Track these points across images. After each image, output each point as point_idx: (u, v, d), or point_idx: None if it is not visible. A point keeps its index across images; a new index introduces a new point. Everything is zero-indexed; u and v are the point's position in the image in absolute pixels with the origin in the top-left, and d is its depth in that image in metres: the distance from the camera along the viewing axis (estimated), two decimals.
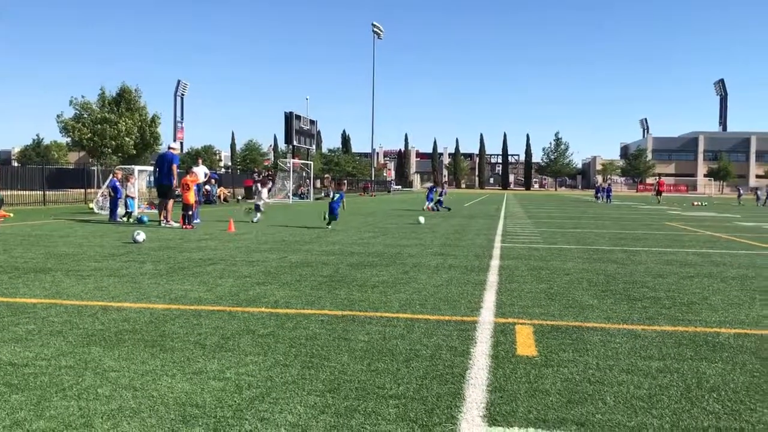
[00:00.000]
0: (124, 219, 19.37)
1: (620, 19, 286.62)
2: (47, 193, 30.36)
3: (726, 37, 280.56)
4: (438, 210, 29.24)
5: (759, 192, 57.69)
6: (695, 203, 50.92)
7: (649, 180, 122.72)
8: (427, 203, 30.52)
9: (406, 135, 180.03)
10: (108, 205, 21.39)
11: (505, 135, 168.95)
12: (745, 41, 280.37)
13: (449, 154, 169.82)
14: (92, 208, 24.10)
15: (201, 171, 21.87)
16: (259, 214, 19.36)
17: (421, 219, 20.94)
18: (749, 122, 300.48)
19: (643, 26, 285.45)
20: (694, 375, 4.45)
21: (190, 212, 17.02)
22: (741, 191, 60.41)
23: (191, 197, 17.22)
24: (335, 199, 17.46)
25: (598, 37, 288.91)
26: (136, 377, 4.18)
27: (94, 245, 12.14)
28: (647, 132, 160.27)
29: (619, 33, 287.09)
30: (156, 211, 19.67)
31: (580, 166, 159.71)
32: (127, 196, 20.47)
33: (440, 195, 31.06)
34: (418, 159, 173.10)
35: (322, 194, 54.37)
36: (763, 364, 4.73)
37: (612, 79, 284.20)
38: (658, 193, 52.27)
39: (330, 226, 17.07)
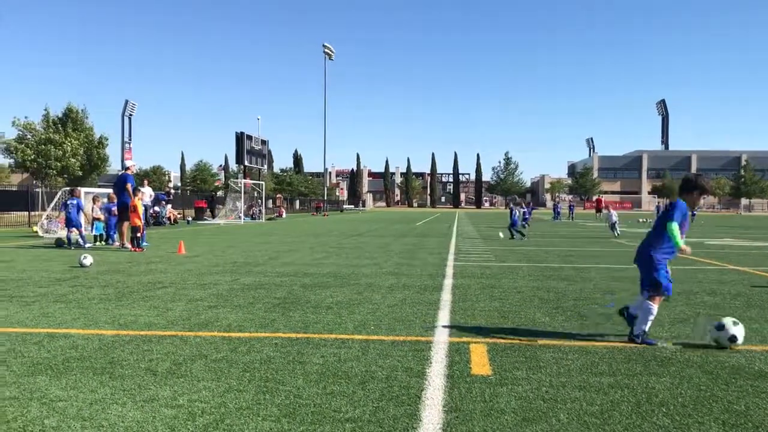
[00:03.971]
0: (97, 243, 18.82)
1: (565, 41, 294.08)
2: None
3: (666, 58, 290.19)
4: (513, 236, 23.03)
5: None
6: (640, 220, 52.24)
7: (594, 197, 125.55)
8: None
9: (357, 155, 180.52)
10: (58, 227, 20.82)
11: (455, 154, 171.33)
12: (685, 63, 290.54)
13: (401, 173, 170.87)
14: (37, 232, 23.41)
15: (147, 192, 21.50)
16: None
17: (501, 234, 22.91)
18: (690, 141, 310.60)
19: (587, 48, 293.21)
20: (644, 390, 4.55)
21: (138, 234, 16.72)
22: None
23: (138, 220, 16.91)
24: None
25: (545, 58, 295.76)
26: (85, 407, 4.06)
27: (39, 270, 11.79)
28: (593, 151, 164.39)
29: (564, 54, 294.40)
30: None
31: (529, 184, 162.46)
32: (94, 218, 19.92)
33: (525, 217, 26.20)
34: (371, 178, 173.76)
35: (274, 214, 54.05)
36: (709, 378, 4.87)
37: (559, 99, 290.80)
38: (598, 210, 54.67)
39: None
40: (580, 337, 6.29)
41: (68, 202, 17.91)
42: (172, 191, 42.09)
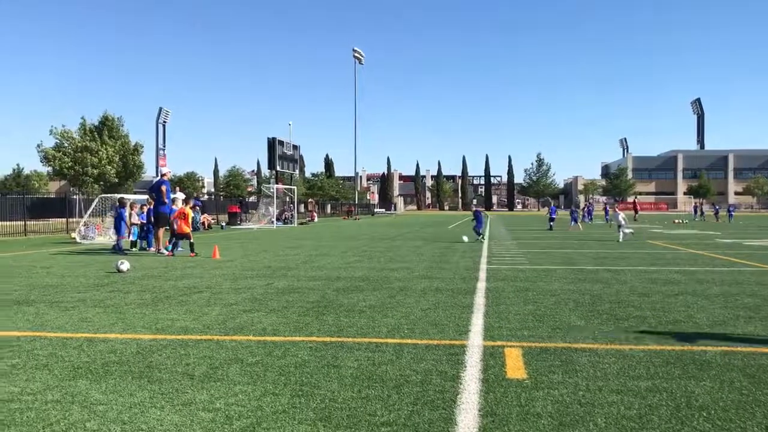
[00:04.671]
0: (134, 249, 19.09)
1: (598, 39, 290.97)
2: (28, 223, 30.06)
3: (701, 57, 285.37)
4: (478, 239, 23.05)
5: (716, 207, 62.63)
6: (676, 221, 51.44)
7: (630, 199, 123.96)
8: (572, 223, 34.71)
9: (388, 158, 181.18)
10: (92, 234, 21.17)
11: (487, 157, 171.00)
12: (721, 62, 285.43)
13: (432, 177, 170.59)
14: (74, 238, 23.87)
15: (180, 198, 21.81)
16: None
17: (465, 238, 22.99)
18: (726, 140, 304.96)
19: (621, 47, 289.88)
20: (683, 394, 4.48)
21: (191, 241, 16.94)
22: (717, 208, 62.24)
23: (186, 227, 17.13)
24: None
25: (577, 58, 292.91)
26: (124, 410, 4.13)
27: (77, 275, 12.02)
28: (627, 151, 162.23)
29: (597, 53, 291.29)
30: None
31: (562, 186, 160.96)
32: (132, 224, 20.17)
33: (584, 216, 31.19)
34: (401, 182, 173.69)
35: (306, 219, 54.37)
36: (751, 382, 4.77)
37: (591, 99, 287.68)
38: (635, 212, 57.13)
39: None
40: (617, 340, 6.21)
41: (119, 210, 18.16)
42: (205, 197, 42.56)
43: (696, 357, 5.53)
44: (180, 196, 22.45)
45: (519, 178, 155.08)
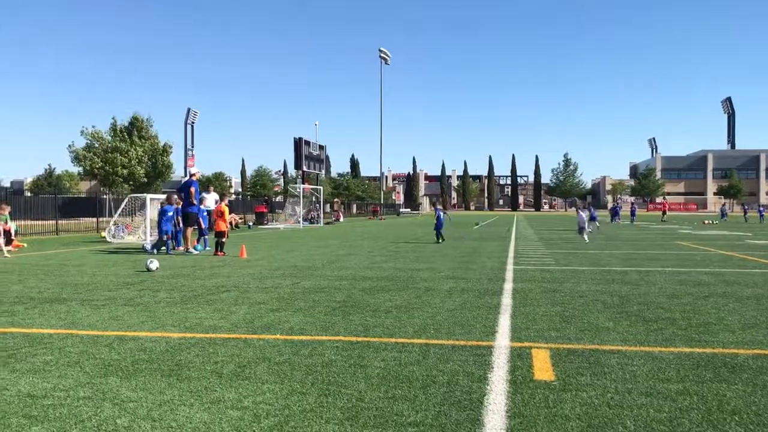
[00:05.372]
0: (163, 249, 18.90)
1: (626, 39, 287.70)
2: (60, 222, 30.54)
3: (732, 56, 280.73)
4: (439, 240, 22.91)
5: (746, 207, 63.80)
6: (706, 222, 50.70)
7: (659, 199, 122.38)
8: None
9: (414, 158, 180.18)
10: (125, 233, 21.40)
11: (513, 156, 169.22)
12: (751, 60, 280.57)
13: (458, 176, 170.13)
14: (104, 237, 24.21)
15: (212, 198, 21.98)
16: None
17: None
18: (757, 140, 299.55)
19: (648, 46, 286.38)
20: (714, 397, 4.41)
21: (223, 239, 17.08)
22: (746, 208, 61.67)
23: (223, 225, 17.29)
24: None
25: (605, 57, 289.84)
26: (154, 407, 4.18)
27: (107, 274, 12.19)
28: (656, 151, 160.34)
29: (624, 53, 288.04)
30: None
31: (589, 186, 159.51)
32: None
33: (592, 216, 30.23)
34: (427, 182, 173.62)
35: (332, 219, 54.53)
36: None
37: (620, 98, 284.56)
38: (664, 212, 59.44)
39: None
40: (646, 342, 6.14)
41: (165, 208, 17.82)
42: (233, 196, 42.92)
43: (727, 360, 5.44)
44: (213, 196, 22.58)
45: (546, 178, 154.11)
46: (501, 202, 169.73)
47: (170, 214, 17.65)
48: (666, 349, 5.87)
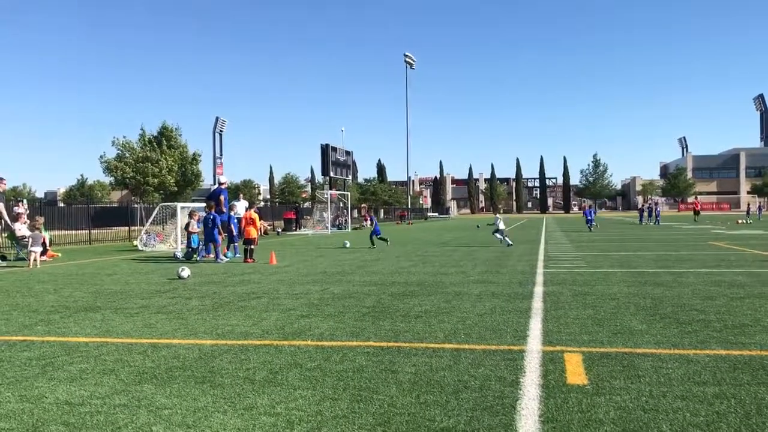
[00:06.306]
0: (194, 256, 18.85)
1: (654, 38, 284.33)
2: (92, 231, 31.05)
3: (763, 52, 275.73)
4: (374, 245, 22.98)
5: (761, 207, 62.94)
6: (739, 221, 49.80)
7: (690, 199, 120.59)
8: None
9: (440, 162, 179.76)
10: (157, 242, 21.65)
11: (542, 158, 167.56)
12: None
13: (485, 180, 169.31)
14: (136, 245, 24.54)
15: (242, 206, 22.14)
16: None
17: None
18: None
19: (676, 44, 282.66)
20: (752, 400, 4.33)
21: (252, 246, 17.24)
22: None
23: (253, 232, 17.46)
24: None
25: (632, 56, 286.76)
26: (189, 414, 4.23)
27: (140, 282, 12.36)
28: (686, 151, 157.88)
29: (653, 51, 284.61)
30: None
31: (619, 187, 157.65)
32: (190, 232, 19.34)
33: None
34: (454, 185, 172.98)
35: (360, 224, 54.62)
36: None
37: (649, 98, 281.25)
38: (696, 213, 57.36)
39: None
40: (681, 345, 6.05)
41: (212, 215, 17.72)
42: (262, 203, 43.20)
43: (765, 362, 5.34)
44: (243, 203, 22.69)
45: (575, 180, 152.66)
46: (530, 204, 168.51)
47: (217, 221, 17.51)
48: (701, 351, 5.78)
